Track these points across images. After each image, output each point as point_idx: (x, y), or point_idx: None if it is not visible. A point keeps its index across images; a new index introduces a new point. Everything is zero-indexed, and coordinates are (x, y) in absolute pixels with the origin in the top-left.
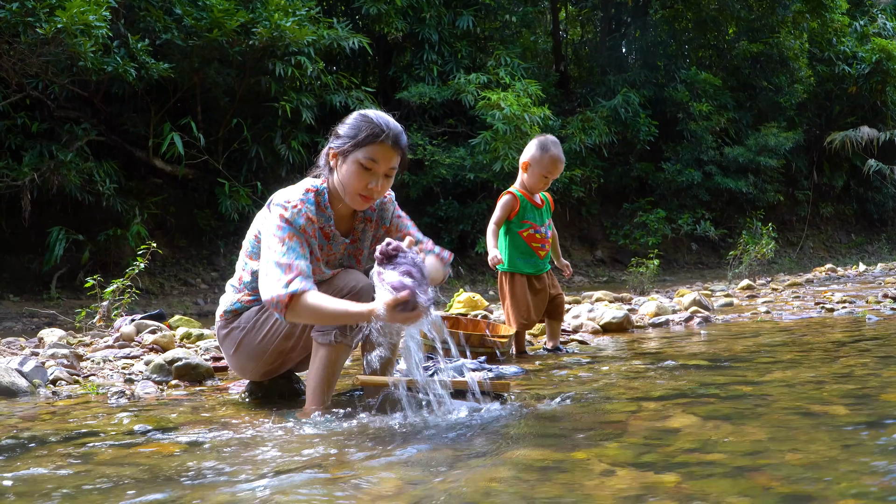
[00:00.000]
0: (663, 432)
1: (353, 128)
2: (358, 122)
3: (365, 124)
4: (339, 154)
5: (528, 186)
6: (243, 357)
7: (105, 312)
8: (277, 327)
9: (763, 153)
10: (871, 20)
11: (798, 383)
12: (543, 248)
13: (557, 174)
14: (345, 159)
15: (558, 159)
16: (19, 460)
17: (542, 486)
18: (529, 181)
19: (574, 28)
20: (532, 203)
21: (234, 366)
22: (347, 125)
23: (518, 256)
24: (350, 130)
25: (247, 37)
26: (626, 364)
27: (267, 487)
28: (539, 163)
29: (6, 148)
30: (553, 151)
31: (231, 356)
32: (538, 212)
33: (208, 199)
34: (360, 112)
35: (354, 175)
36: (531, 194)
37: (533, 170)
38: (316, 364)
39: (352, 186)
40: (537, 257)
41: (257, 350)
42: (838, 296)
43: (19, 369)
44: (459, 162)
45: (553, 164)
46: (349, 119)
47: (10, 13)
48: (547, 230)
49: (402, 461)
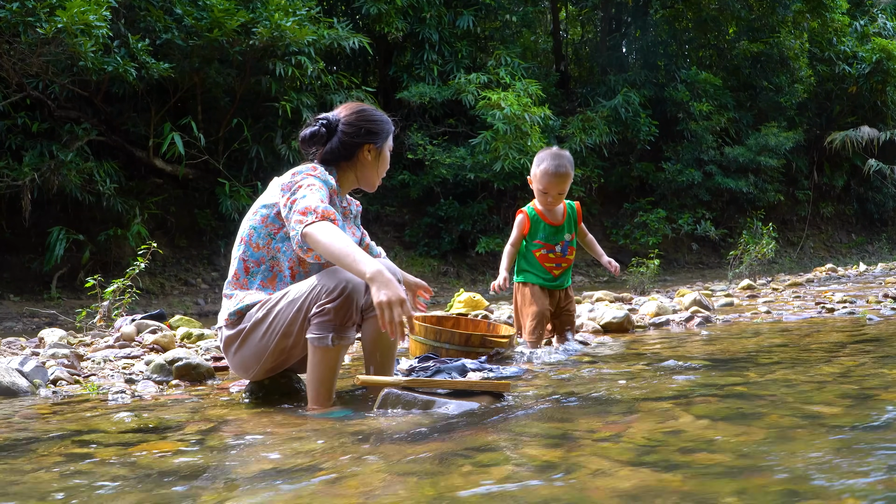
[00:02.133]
0: (663, 432)
1: (382, 123)
2: (381, 117)
3: (382, 118)
4: (376, 148)
5: (540, 204)
6: (247, 356)
7: (105, 312)
8: (276, 324)
9: (763, 153)
10: (872, 20)
11: (798, 383)
12: (559, 266)
13: (556, 189)
14: (379, 152)
15: (548, 172)
16: (19, 460)
17: (541, 485)
18: (538, 199)
19: (574, 28)
20: (546, 221)
21: (238, 366)
22: (375, 121)
23: (531, 273)
24: (381, 126)
25: (247, 37)
26: (627, 364)
27: (267, 487)
28: (535, 178)
29: (6, 148)
30: (546, 164)
31: (234, 356)
32: (553, 230)
33: (209, 199)
34: (367, 108)
35: (384, 163)
36: (546, 211)
37: (534, 186)
38: (314, 366)
39: (384, 171)
40: (551, 276)
41: (259, 347)
42: (839, 296)
43: (20, 369)
44: (460, 162)
45: (546, 177)
46: (371, 115)
47: (11, 13)
48: (565, 248)
49: (401, 461)
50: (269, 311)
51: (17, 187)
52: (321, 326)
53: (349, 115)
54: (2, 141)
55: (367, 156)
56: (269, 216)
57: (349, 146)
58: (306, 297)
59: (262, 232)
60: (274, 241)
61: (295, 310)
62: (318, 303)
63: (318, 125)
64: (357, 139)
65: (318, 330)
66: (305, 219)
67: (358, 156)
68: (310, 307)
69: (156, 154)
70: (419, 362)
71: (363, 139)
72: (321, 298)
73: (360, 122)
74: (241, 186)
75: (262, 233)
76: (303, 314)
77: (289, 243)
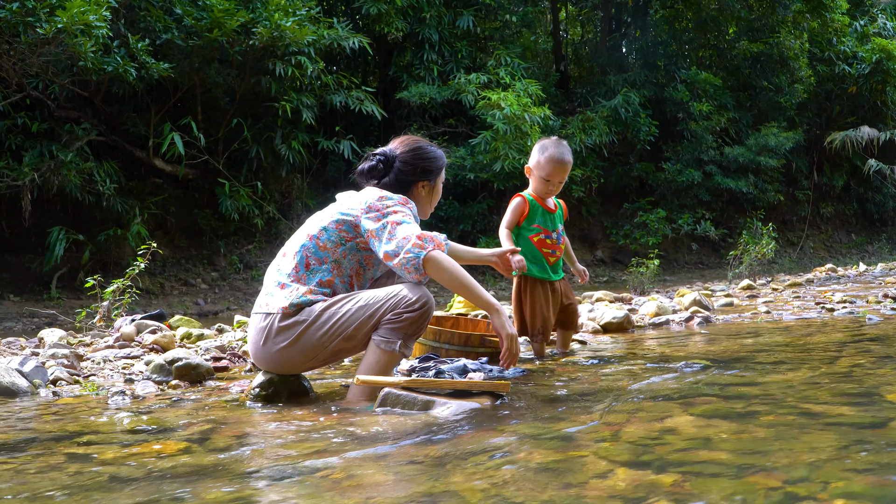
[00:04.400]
0: (663, 432)
1: (435, 161)
2: (435, 154)
3: (436, 156)
4: (430, 184)
5: (536, 192)
6: (296, 351)
7: (105, 312)
8: (339, 326)
9: (763, 153)
10: (872, 20)
11: (798, 383)
12: (554, 254)
13: (559, 177)
14: (433, 188)
15: (554, 159)
16: (19, 460)
17: (541, 485)
18: (535, 186)
19: (574, 28)
20: (544, 207)
21: (276, 359)
22: (430, 159)
23: (528, 262)
24: (435, 164)
25: (247, 37)
26: (626, 364)
27: (268, 487)
28: (538, 166)
29: (6, 148)
30: (550, 151)
31: (279, 348)
32: (550, 216)
33: (209, 199)
34: (423, 145)
35: (437, 196)
36: (542, 199)
37: (535, 174)
38: (371, 365)
39: (433, 205)
40: (547, 263)
41: (315, 346)
42: (838, 296)
43: (19, 369)
44: (460, 162)
45: (552, 164)
46: (426, 154)
47: (11, 13)
48: (559, 236)
49: (401, 461)
50: (335, 312)
51: (17, 187)
52: (392, 332)
53: (405, 152)
54: (2, 141)
55: (422, 191)
56: (346, 224)
57: (405, 183)
58: (382, 304)
59: (333, 235)
60: (342, 247)
61: (367, 315)
62: (395, 311)
63: (375, 160)
64: (412, 177)
65: (388, 334)
66: (426, 245)
67: (412, 191)
68: (384, 314)
69: (156, 154)
70: (419, 363)
71: (418, 177)
72: (400, 307)
73: (415, 160)
74: (241, 186)
75: (334, 236)
76: (374, 319)
77: (357, 254)
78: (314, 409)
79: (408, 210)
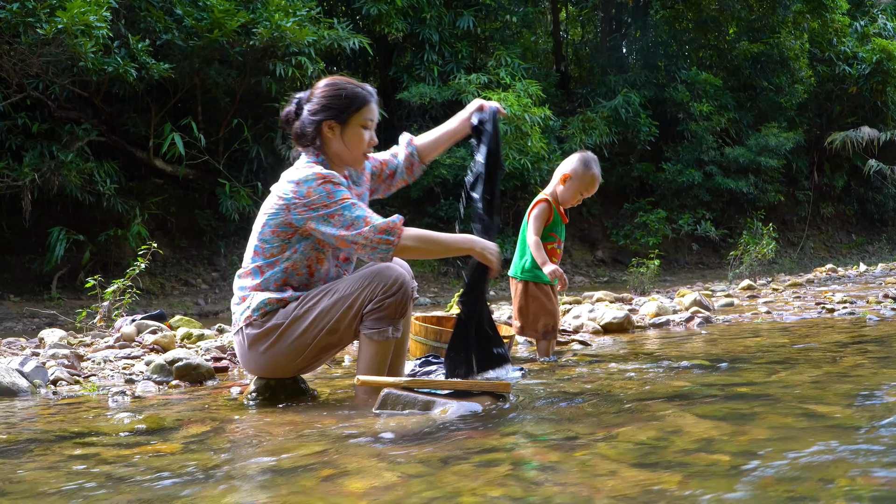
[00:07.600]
0: (663, 432)
1: (343, 97)
2: (342, 89)
3: (351, 90)
4: (338, 123)
5: (562, 199)
6: (280, 353)
7: (106, 313)
8: (319, 321)
9: (763, 153)
10: (872, 20)
11: (798, 383)
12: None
13: (591, 194)
14: (345, 127)
15: (598, 180)
16: (20, 460)
17: (541, 485)
18: (565, 194)
19: (574, 28)
20: (561, 216)
21: (265, 364)
22: (333, 96)
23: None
24: (340, 100)
25: (247, 37)
26: (627, 364)
27: (268, 487)
28: (581, 178)
29: (7, 148)
30: (595, 170)
31: (263, 354)
32: (562, 226)
33: (209, 200)
34: (332, 81)
35: (360, 137)
36: (561, 206)
37: (572, 184)
38: (368, 360)
39: (359, 149)
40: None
41: (298, 344)
42: (839, 296)
43: (20, 369)
44: (460, 162)
45: (593, 183)
46: (329, 90)
47: (11, 13)
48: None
49: (401, 461)
50: (311, 309)
51: (18, 187)
52: (379, 321)
53: (319, 88)
54: (2, 141)
55: (329, 133)
56: (280, 225)
57: (310, 124)
58: (359, 295)
59: (275, 242)
60: (290, 246)
61: (345, 307)
62: (373, 300)
63: (293, 103)
64: (317, 116)
65: (376, 324)
66: (390, 238)
67: (322, 134)
68: (363, 304)
69: (156, 154)
70: (420, 366)
71: (322, 115)
72: (377, 295)
73: (322, 97)
74: (242, 187)
75: (276, 243)
76: (354, 311)
77: (306, 242)
78: (313, 409)
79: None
